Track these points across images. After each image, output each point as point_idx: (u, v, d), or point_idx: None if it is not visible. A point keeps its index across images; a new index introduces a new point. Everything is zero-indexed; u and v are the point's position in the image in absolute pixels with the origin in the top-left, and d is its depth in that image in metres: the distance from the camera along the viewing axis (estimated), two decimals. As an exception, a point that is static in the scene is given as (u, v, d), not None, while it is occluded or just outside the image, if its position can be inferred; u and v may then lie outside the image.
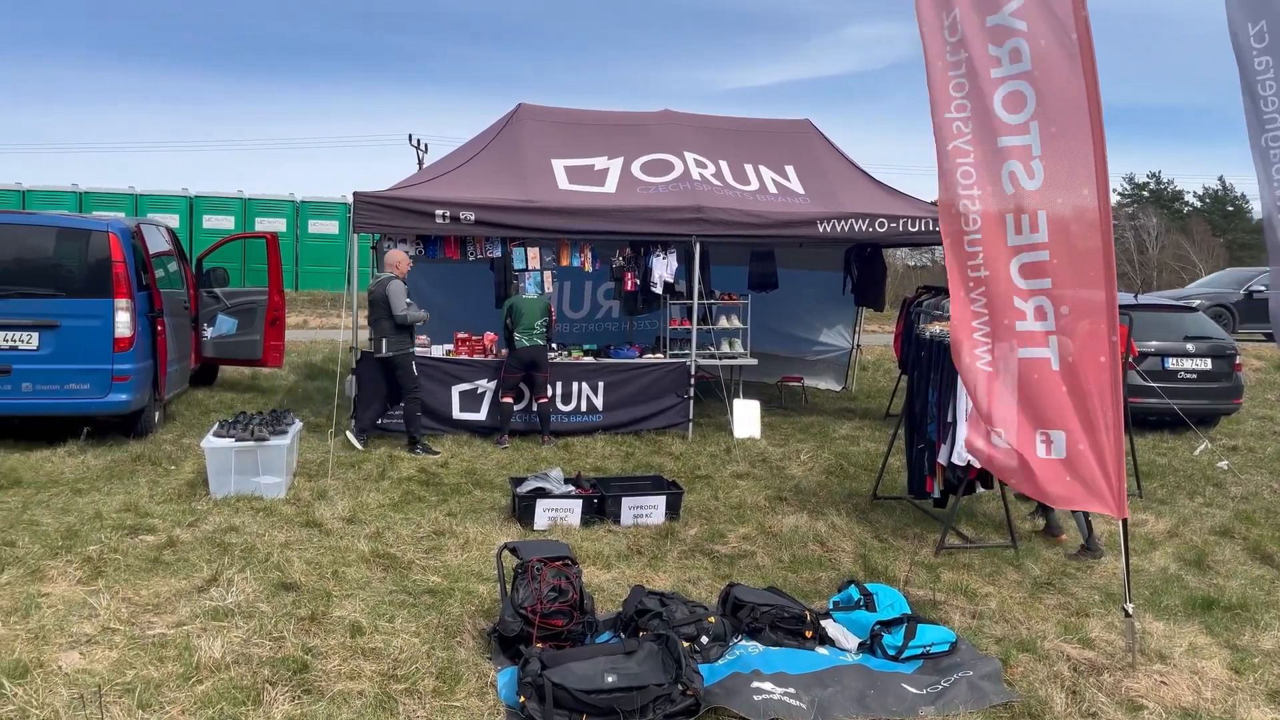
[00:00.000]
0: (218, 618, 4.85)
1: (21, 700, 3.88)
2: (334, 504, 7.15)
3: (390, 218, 9.39)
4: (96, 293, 8.61)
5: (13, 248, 8.73)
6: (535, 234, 9.77)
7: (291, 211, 27.07)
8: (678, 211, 9.80)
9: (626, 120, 11.59)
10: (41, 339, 8.49)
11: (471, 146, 10.92)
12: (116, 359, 8.63)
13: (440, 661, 4.46)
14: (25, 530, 6.23)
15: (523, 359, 9.59)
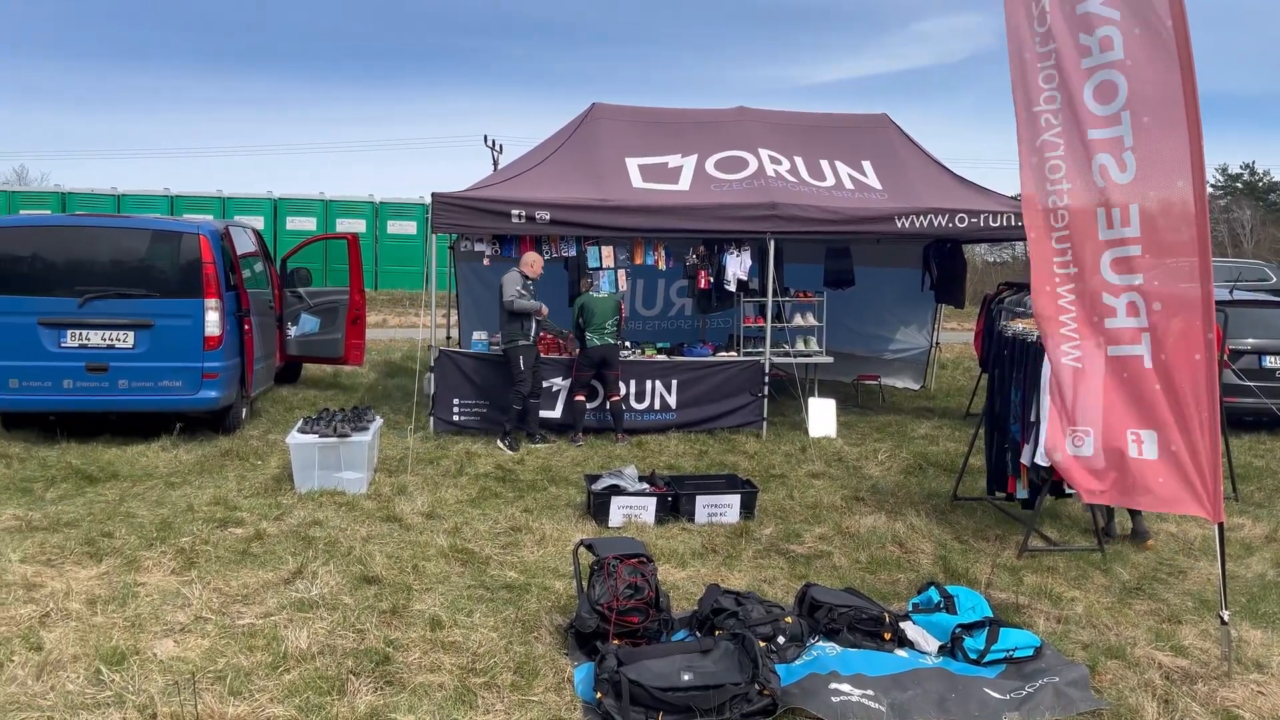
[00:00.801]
0: (303, 609, 4.97)
1: (118, 686, 4.03)
2: (413, 499, 7.28)
3: (468, 218, 9.52)
4: (187, 293, 8.90)
5: (110, 250, 9.08)
6: (609, 232, 9.81)
7: (371, 212, 27.65)
8: (752, 209, 9.74)
9: (700, 118, 11.55)
10: (137, 338, 8.82)
11: (546, 146, 11.01)
12: (206, 357, 8.91)
13: (518, 656, 4.51)
14: (122, 522, 6.48)
15: (594, 357, 9.64)
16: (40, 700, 3.90)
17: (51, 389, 8.68)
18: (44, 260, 8.84)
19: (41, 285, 8.73)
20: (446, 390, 9.91)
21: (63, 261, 8.85)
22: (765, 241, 9.91)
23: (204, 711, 3.77)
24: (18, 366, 8.62)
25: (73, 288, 8.74)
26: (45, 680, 4.08)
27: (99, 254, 8.99)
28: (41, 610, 4.83)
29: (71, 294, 8.72)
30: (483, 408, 9.94)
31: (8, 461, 8.09)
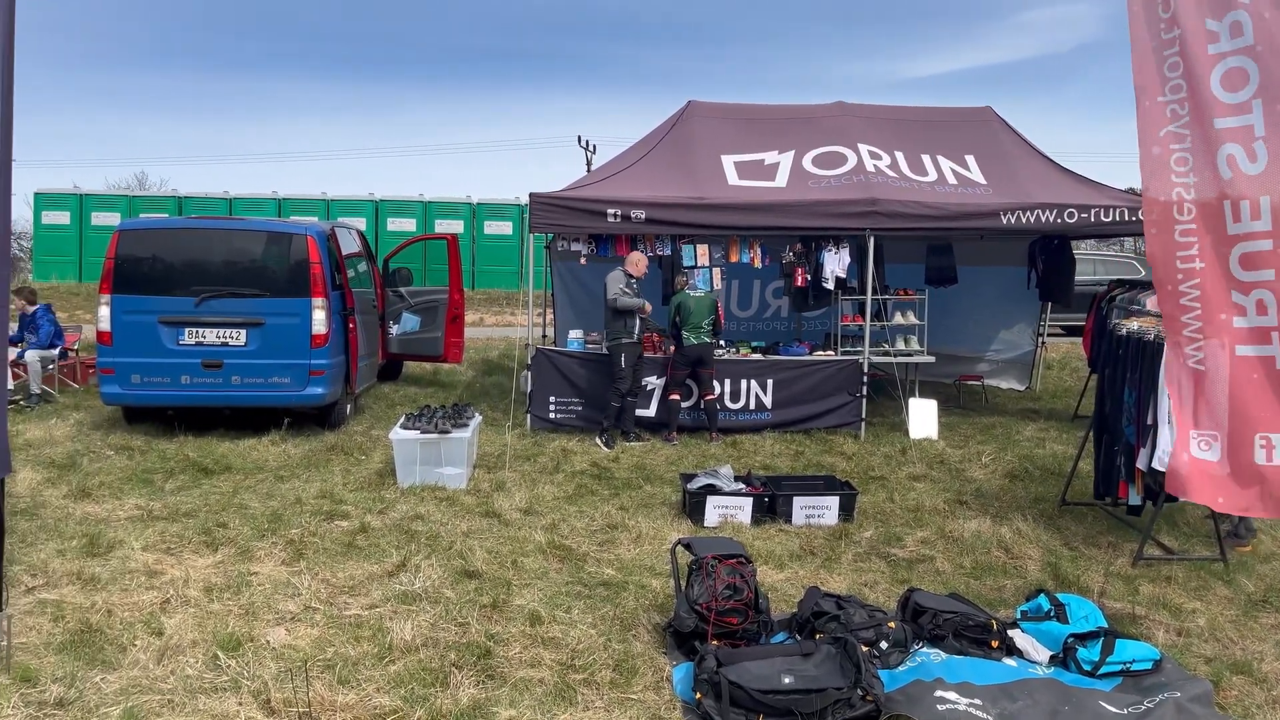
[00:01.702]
0: (407, 601, 5.08)
1: (234, 672, 4.18)
2: (511, 495, 7.37)
3: (564, 217, 9.60)
4: (296, 292, 9.20)
5: (223, 251, 9.44)
6: (705, 231, 9.77)
7: (468, 213, 28.15)
8: (851, 205, 9.57)
9: (797, 114, 11.42)
10: (249, 336, 9.15)
11: (642, 145, 11.03)
12: (313, 354, 9.20)
13: (617, 654, 4.51)
14: (236, 513, 6.72)
15: (689, 356, 9.62)
16: (161, 684, 4.06)
17: (170, 384, 9.07)
18: (164, 262, 9.24)
19: (162, 285, 9.12)
20: (543, 388, 10.01)
21: (181, 263, 9.23)
22: (864, 238, 9.74)
23: (315, 699, 3.87)
24: (140, 363, 9.03)
25: (190, 288, 9.11)
26: (166, 664, 4.25)
27: (214, 255, 9.35)
28: (162, 596, 5.04)
29: (189, 293, 9.09)
30: (578, 405, 10.02)
31: (130, 454, 8.47)
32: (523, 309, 10.28)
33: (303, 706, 3.82)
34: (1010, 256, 12.15)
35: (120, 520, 6.47)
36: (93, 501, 6.94)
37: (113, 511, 6.69)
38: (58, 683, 4.00)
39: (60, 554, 5.68)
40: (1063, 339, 18.16)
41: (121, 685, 4.03)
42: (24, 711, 3.77)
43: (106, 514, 6.62)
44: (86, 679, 4.07)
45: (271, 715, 3.82)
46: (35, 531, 6.12)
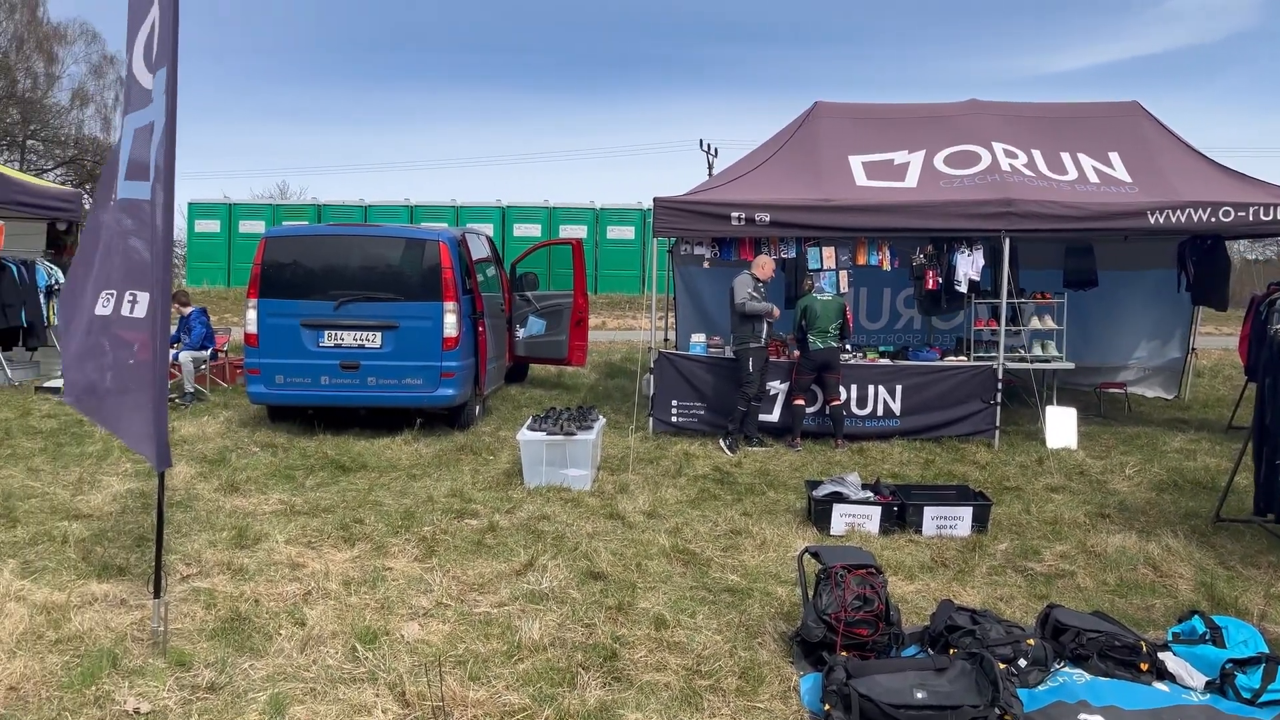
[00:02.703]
0: (534, 601, 5.15)
1: (371, 664, 4.32)
2: (635, 498, 7.40)
3: (688, 221, 9.60)
4: (428, 296, 9.48)
5: (361, 257, 9.81)
6: (831, 233, 9.61)
7: (591, 218, 28.49)
8: (985, 205, 9.26)
9: (929, 112, 11.12)
10: (384, 338, 9.47)
11: (767, 148, 10.93)
12: (444, 357, 9.45)
13: (742, 661, 4.47)
14: (371, 510, 6.96)
15: (815, 361, 9.47)
16: (304, 672, 4.23)
17: (311, 384, 9.48)
18: (306, 267, 9.66)
19: (304, 290, 9.53)
20: (665, 391, 10.03)
21: (322, 268, 9.63)
22: (999, 240, 9.39)
23: (448, 694, 3.96)
24: (283, 364, 9.46)
25: (329, 292, 9.50)
26: (308, 654, 4.42)
27: (352, 261, 9.73)
28: (304, 589, 5.25)
29: (328, 297, 9.48)
30: (701, 409, 9.99)
31: (274, 451, 8.88)
32: (645, 313, 10.30)
33: (436, 700, 3.91)
34: (1158, 258, 11.53)
35: (265, 514, 6.78)
36: (240, 495, 7.30)
37: (258, 505, 7.01)
38: (209, 668, 4.21)
39: (211, 545, 5.99)
40: (1214, 344, 17.12)
41: (268, 672, 4.21)
42: (178, 694, 3.98)
43: (253, 508, 6.94)
44: (235, 665, 4.27)
45: (406, 708, 3.92)
46: (189, 523, 6.48)
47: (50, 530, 6.17)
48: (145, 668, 4.19)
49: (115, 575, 5.37)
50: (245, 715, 3.81)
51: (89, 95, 41.41)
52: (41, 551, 5.77)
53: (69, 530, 6.16)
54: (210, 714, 3.82)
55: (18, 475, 7.63)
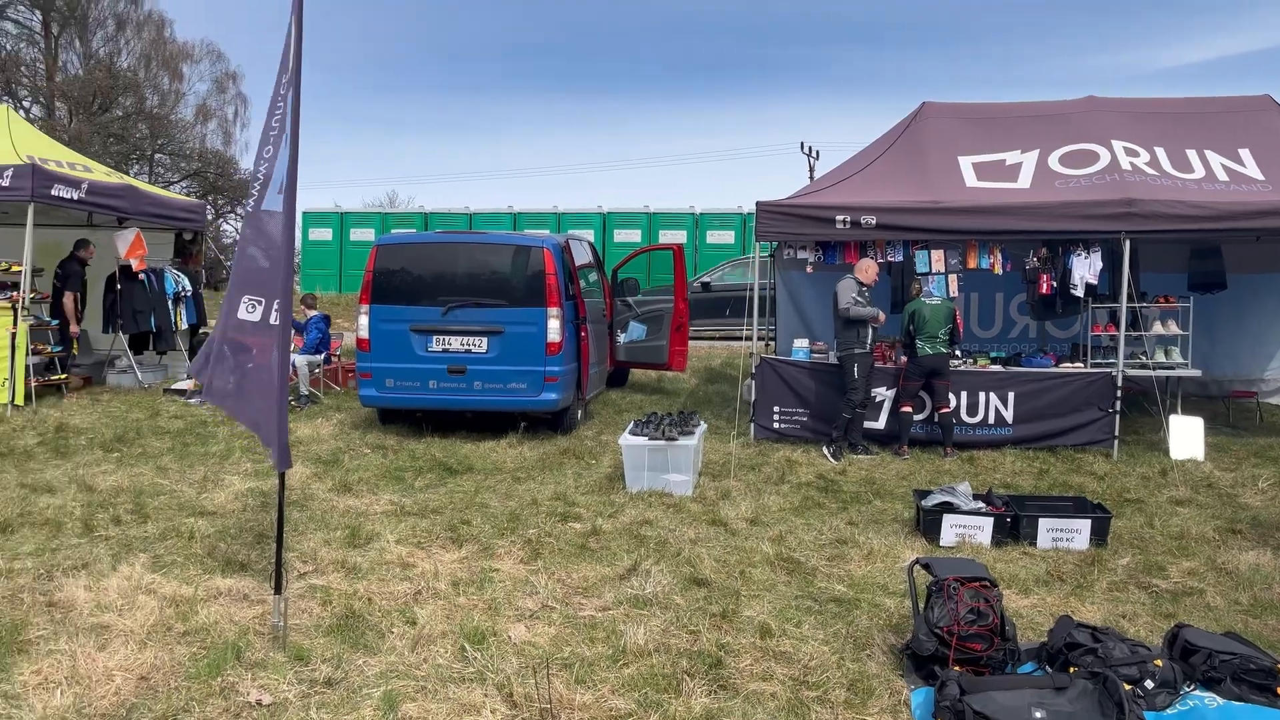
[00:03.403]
0: (638, 606, 5.15)
1: (480, 664, 4.38)
2: (737, 505, 7.35)
3: (791, 225, 9.50)
4: (532, 302, 9.61)
5: (467, 264, 10.02)
6: (940, 235, 9.37)
7: (691, 223, 28.47)
8: (1103, 206, 8.90)
9: (1043, 110, 10.76)
10: (489, 343, 9.64)
11: (872, 150, 10.74)
12: (548, 361, 9.56)
13: (850, 673, 4.38)
14: (477, 511, 7.08)
15: (924, 366, 9.25)
16: (415, 671, 4.32)
17: (419, 388, 9.71)
18: (415, 274, 9.91)
19: (412, 296, 9.78)
20: (767, 397, 9.94)
21: (430, 275, 9.87)
22: (1118, 242, 9.02)
23: (555, 696, 3.99)
24: (393, 368, 9.71)
25: (437, 298, 9.72)
26: (419, 652, 4.52)
27: (459, 267, 9.94)
28: (415, 588, 5.37)
29: (436, 303, 9.69)
30: (804, 416, 9.87)
31: (384, 452, 9.12)
32: (746, 318, 10.22)
33: (543, 702, 3.94)
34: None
35: (377, 514, 6.97)
36: (353, 496, 7.52)
37: (370, 506, 7.21)
38: (326, 663, 4.34)
39: (326, 543, 6.19)
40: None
41: (381, 669, 4.32)
42: (297, 688, 4.11)
43: (365, 508, 7.14)
44: (350, 661, 4.39)
45: (514, 709, 3.97)
46: (305, 521, 6.70)
47: (178, 526, 6.46)
48: (266, 661, 4.35)
49: (238, 571, 5.58)
50: (360, 711, 3.91)
51: (211, 111, 43.47)
52: (170, 546, 6.04)
53: (195, 527, 6.44)
54: (328, 708, 3.93)
55: (148, 473, 8.01)
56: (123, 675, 4.15)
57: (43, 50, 40.49)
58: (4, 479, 7.66)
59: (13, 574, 5.40)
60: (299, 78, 4.57)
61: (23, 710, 3.84)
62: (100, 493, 7.29)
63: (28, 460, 8.42)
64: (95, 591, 5.15)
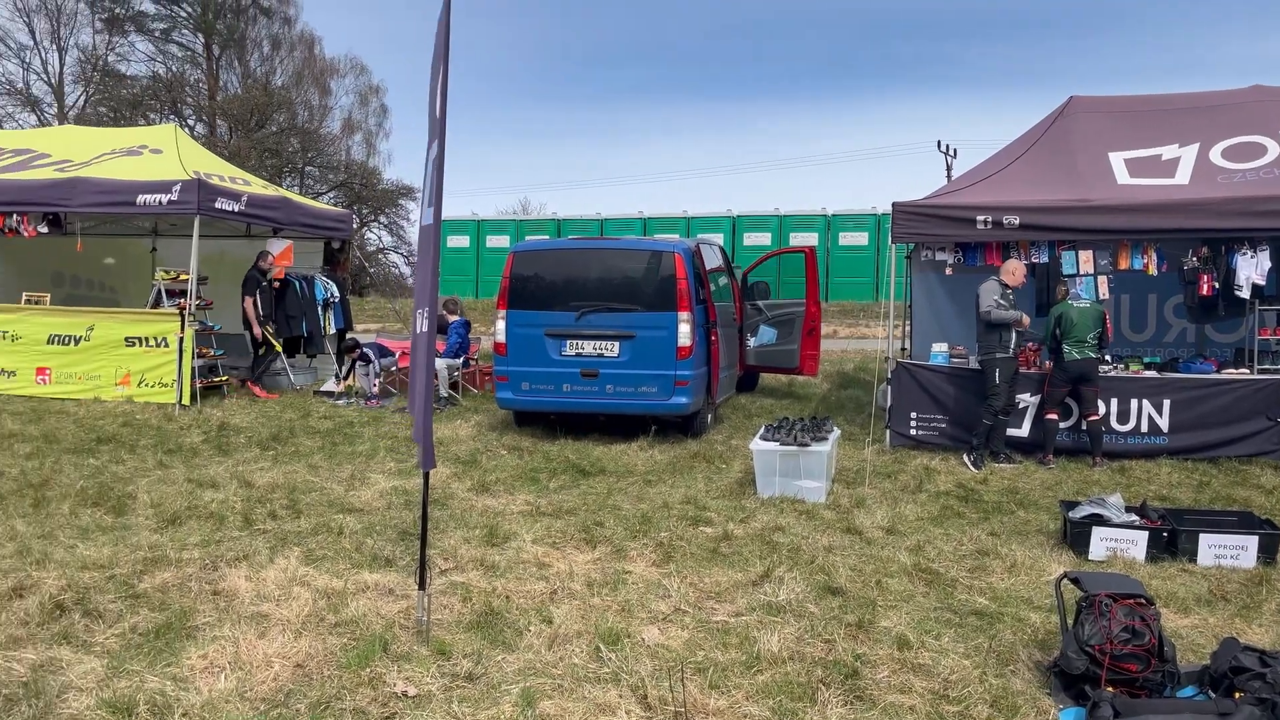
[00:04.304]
0: (772, 612, 5.11)
1: (614, 665, 4.43)
2: (872, 513, 7.20)
3: (929, 226, 9.26)
4: (663, 306, 9.67)
5: (600, 269, 10.16)
6: (1089, 235, 8.96)
7: (823, 225, 28.12)
8: (1273, 202, 8.33)
9: (1202, 102, 10.15)
10: (621, 347, 9.75)
11: (1015, 147, 10.35)
12: (678, 365, 9.60)
13: (994, 689, 4.23)
14: (610, 513, 7.16)
15: (1071, 372, 8.87)
16: (552, 669, 4.40)
17: (554, 391, 9.90)
18: (549, 280, 10.12)
19: (547, 301, 9.99)
20: (904, 403, 9.71)
21: (564, 280, 10.06)
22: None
23: (689, 700, 3.99)
24: (529, 371, 9.94)
25: (570, 303, 9.89)
26: (555, 651, 4.60)
27: (592, 273, 10.10)
28: (550, 588, 5.47)
29: (570, 308, 9.87)
30: (942, 423, 9.59)
31: (520, 454, 9.34)
32: (879, 321, 10.01)
33: (678, 706, 3.95)
34: None
35: (513, 514, 7.14)
36: (490, 495, 7.73)
37: (507, 506, 7.39)
38: (467, 658, 4.47)
39: (466, 541, 6.37)
40: None
41: (519, 667, 4.42)
42: (440, 681, 4.25)
43: (502, 507, 7.33)
44: (490, 657, 4.50)
45: (648, 711, 3.99)
46: (446, 520, 6.92)
47: (328, 522, 6.77)
48: (411, 654, 4.51)
49: (383, 566, 5.82)
50: (500, 706, 4.01)
51: (356, 123, 45.52)
52: (321, 541, 6.34)
53: (344, 523, 6.74)
54: (469, 702, 4.05)
55: (300, 471, 8.44)
56: (280, 662, 4.38)
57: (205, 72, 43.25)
58: (173, 474, 8.20)
59: (181, 563, 5.77)
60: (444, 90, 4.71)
61: (190, 692, 4.10)
62: (258, 488, 7.71)
63: (194, 457, 9.00)
64: (255, 582, 5.45)
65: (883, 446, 9.65)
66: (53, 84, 41.25)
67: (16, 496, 7.28)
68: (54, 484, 7.67)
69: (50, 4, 40.43)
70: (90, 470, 8.22)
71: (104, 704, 3.94)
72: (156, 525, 6.64)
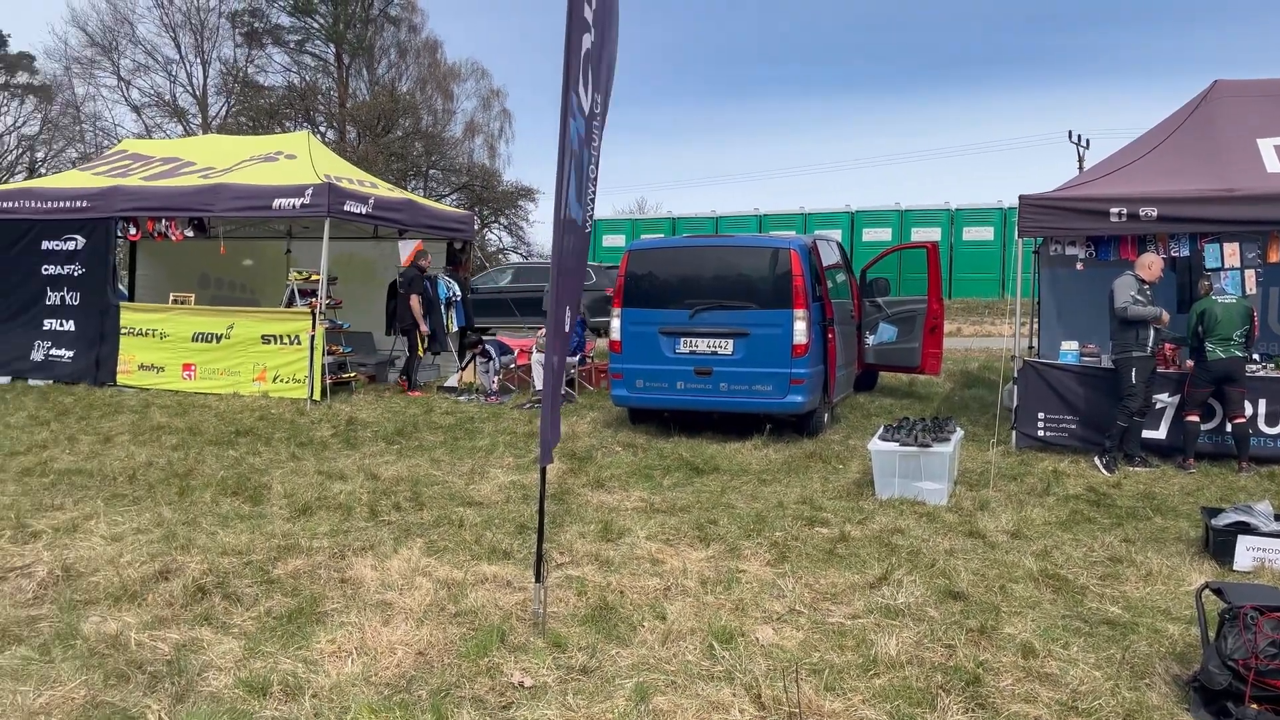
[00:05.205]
0: (889, 616, 5.00)
1: (728, 664, 4.41)
2: (996, 516, 6.97)
3: (1059, 219, 8.90)
4: (778, 304, 9.57)
5: (714, 266, 10.12)
6: (1234, 227, 8.45)
7: (946, 220, 27.36)
8: None
9: (1365, 82, 9.45)
10: (735, 345, 9.70)
11: (1153, 136, 9.85)
12: (794, 364, 9.49)
13: (1127, 702, 4.03)
14: (723, 512, 7.14)
15: (1215, 372, 8.38)
16: (665, 665, 4.41)
17: (667, 389, 9.93)
18: (663, 278, 10.14)
19: (661, 299, 10.02)
20: (1031, 403, 9.36)
21: (678, 278, 10.07)
22: None
23: (804, 702, 3.95)
24: (643, 369, 9.99)
25: (684, 301, 9.90)
26: (669, 647, 4.61)
27: (706, 270, 10.07)
28: (664, 584, 5.49)
29: (684, 306, 9.87)
30: (1072, 424, 9.21)
31: (634, 451, 9.40)
32: (1005, 318, 9.67)
33: (792, 707, 3.91)
34: None
35: (627, 510, 7.19)
36: (605, 491, 7.80)
37: (621, 502, 7.45)
38: (582, 651, 4.53)
39: (581, 536, 6.45)
40: None
41: (632, 661, 4.45)
42: (555, 673, 4.31)
43: (616, 503, 7.39)
44: (604, 651, 4.55)
45: (762, 710, 3.96)
46: (561, 515, 7.02)
47: (449, 514, 6.96)
48: (528, 645, 4.59)
49: (501, 558, 5.94)
50: (614, 700, 4.04)
51: (478, 126, 46.61)
52: (442, 533, 6.52)
53: (464, 515, 6.92)
54: (583, 695, 4.09)
55: (423, 465, 8.70)
56: (403, 649, 4.53)
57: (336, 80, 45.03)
58: (305, 466, 8.57)
59: (312, 552, 6.02)
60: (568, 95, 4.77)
61: (319, 675, 4.27)
62: (383, 481, 7.99)
63: (323, 450, 9.38)
64: (380, 571, 5.65)
65: (1008, 448, 9.33)
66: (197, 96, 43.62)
67: (164, 485, 7.73)
68: (197, 474, 8.12)
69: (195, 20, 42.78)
70: (229, 461, 8.67)
71: (241, 683, 4.15)
72: (289, 514, 6.95)
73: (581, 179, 5.07)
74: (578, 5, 4.73)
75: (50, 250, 13.51)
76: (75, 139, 42.94)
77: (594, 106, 5.14)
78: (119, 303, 13.44)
